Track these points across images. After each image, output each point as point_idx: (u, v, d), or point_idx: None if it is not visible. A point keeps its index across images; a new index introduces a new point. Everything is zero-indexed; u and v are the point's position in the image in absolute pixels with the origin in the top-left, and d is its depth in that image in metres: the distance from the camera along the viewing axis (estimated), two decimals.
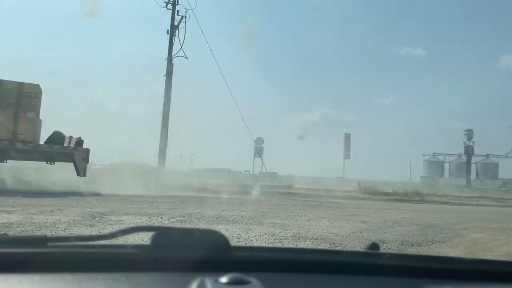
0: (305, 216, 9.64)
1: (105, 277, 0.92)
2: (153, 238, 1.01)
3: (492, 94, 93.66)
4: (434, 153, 75.39)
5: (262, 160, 25.83)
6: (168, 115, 21.67)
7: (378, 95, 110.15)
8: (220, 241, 1.04)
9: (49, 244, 1.01)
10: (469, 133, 76.35)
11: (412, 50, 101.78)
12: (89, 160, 15.39)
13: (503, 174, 69.48)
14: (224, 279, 0.88)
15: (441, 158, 75.58)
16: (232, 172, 53.94)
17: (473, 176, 70.62)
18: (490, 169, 72.16)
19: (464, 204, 19.36)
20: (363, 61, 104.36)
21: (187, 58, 22.58)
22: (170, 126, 22.28)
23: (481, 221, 11.27)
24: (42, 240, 1.02)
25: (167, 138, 21.85)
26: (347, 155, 63.49)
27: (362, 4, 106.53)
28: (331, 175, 63.61)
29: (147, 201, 11.24)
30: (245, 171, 53.52)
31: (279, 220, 8.75)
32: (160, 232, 1.04)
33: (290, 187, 21.11)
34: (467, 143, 75.15)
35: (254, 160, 31.78)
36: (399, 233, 8.36)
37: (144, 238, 3.65)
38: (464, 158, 73.72)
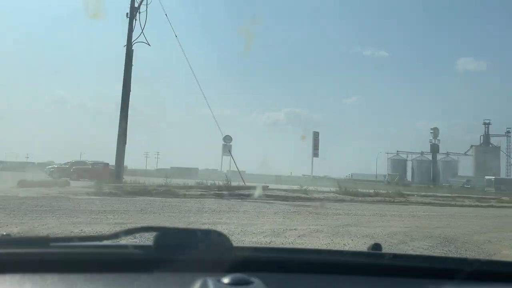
0: (295, 229, 7.56)
1: (108, 277, 0.92)
2: (156, 239, 1.00)
3: (450, 94, 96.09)
4: (397, 151, 75.93)
5: (232, 158, 23.70)
6: (127, 105, 18.94)
7: (343, 94, 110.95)
8: (222, 241, 1.02)
9: (52, 244, 1.00)
10: (435, 131, 77.04)
11: (375, 51, 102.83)
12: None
13: (462, 171, 71.19)
14: (226, 279, 0.87)
15: (404, 156, 76.29)
16: (200, 171, 51.70)
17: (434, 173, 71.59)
18: (451, 167, 73.31)
19: (453, 206, 17.99)
20: (328, 61, 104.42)
21: (149, 44, 20.05)
22: (131, 122, 19.66)
23: (496, 230, 9.64)
24: (44, 241, 1.01)
25: (126, 131, 19.12)
26: (315, 154, 62.31)
27: (327, 5, 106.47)
28: (298, 173, 62.58)
29: (91, 211, 8.77)
30: (212, 170, 51.35)
31: (264, 237, 6.65)
32: (163, 233, 1.03)
33: (265, 188, 19.01)
34: (433, 141, 75.85)
35: (222, 159, 29.81)
36: (418, 251, 6.57)
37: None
38: (426, 156, 74.69)
